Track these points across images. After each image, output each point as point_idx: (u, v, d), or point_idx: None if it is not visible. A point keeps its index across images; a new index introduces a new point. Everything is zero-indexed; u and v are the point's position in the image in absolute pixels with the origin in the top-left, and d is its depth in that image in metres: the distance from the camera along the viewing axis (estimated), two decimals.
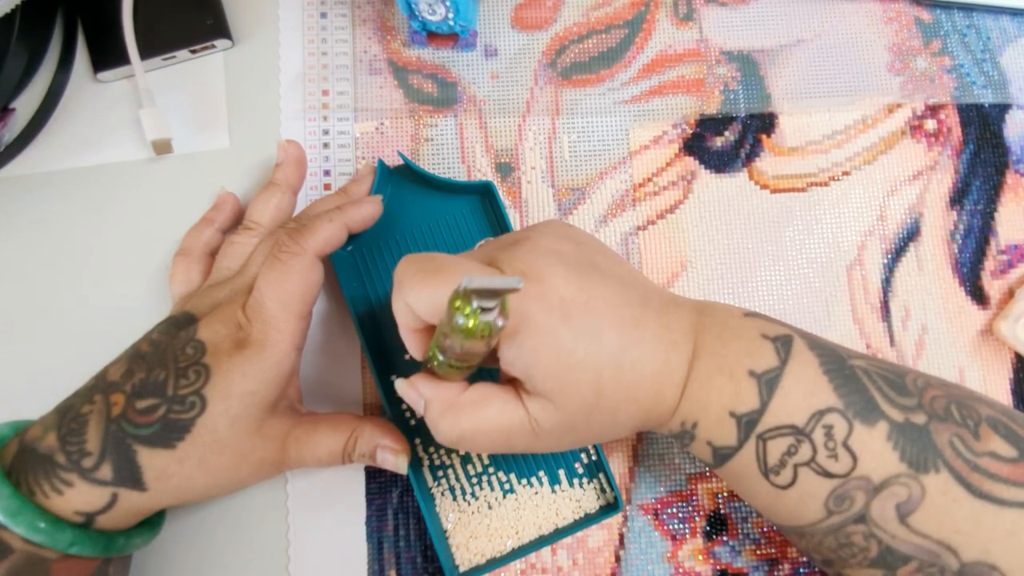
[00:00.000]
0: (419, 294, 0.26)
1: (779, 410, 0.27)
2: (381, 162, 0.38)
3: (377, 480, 0.37)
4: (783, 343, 0.28)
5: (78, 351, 0.34)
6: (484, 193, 0.39)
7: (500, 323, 0.23)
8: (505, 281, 0.21)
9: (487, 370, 0.35)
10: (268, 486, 0.37)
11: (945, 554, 0.26)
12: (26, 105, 0.39)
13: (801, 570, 0.37)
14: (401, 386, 0.29)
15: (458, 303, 0.22)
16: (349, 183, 0.38)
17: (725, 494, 0.37)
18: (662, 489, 0.37)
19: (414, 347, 0.29)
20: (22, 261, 0.39)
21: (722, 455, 0.28)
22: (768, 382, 0.27)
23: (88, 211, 0.39)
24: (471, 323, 0.22)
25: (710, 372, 0.28)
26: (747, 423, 0.27)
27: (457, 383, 0.28)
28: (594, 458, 0.36)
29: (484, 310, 0.22)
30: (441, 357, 0.26)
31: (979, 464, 0.26)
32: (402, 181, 0.38)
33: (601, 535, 0.37)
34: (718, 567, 0.37)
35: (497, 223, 0.38)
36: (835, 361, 0.28)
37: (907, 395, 0.27)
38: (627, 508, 0.37)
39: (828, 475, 0.26)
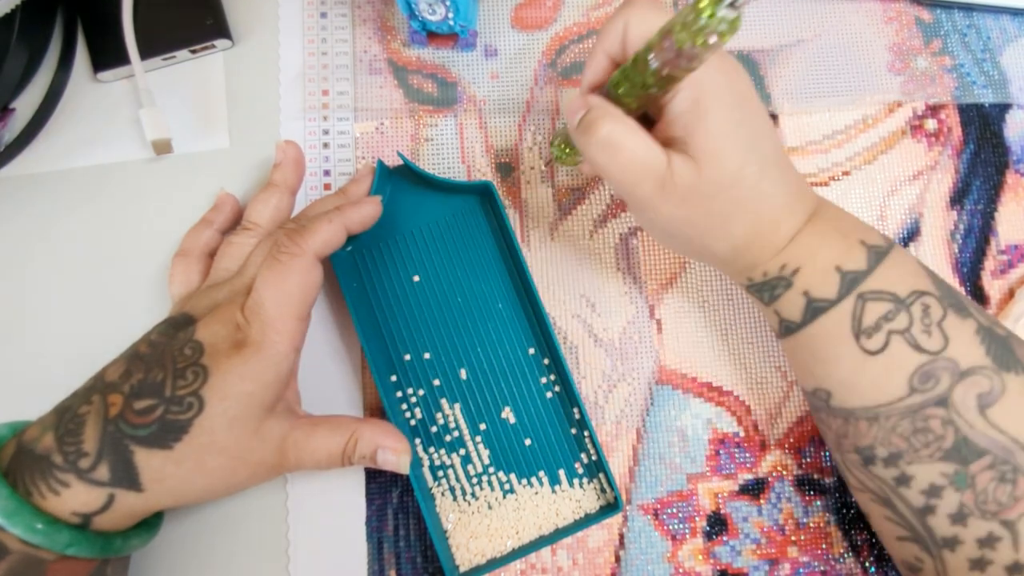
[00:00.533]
0: (646, 16, 0.28)
1: (883, 277, 0.28)
2: (380, 162, 0.38)
3: (377, 480, 0.37)
4: (888, 238, 0.30)
5: (77, 351, 0.34)
6: (483, 193, 0.39)
7: (729, 14, 0.23)
8: None
9: None
10: (268, 486, 0.37)
11: (1019, 452, 0.26)
12: (26, 105, 0.40)
13: (801, 570, 0.37)
14: (570, 98, 0.30)
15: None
16: (348, 183, 0.38)
17: (725, 494, 0.37)
18: (662, 489, 0.37)
19: (594, 70, 0.30)
20: (22, 261, 0.39)
21: (816, 308, 0.29)
22: (877, 253, 0.29)
23: (88, 211, 0.39)
24: (732, 16, 0.23)
25: (825, 230, 0.30)
26: (851, 280, 0.28)
27: (623, 108, 0.29)
28: (594, 458, 0.36)
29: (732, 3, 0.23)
30: (624, 88, 0.28)
31: None
32: (402, 181, 0.38)
33: (601, 535, 0.37)
34: (718, 567, 0.37)
35: (496, 223, 0.38)
36: (929, 268, 0.30)
37: (987, 315, 0.29)
38: (627, 508, 0.37)
39: (919, 349, 0.27)
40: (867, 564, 0.37)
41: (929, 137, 0.41)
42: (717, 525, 0.37)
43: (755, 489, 0.37)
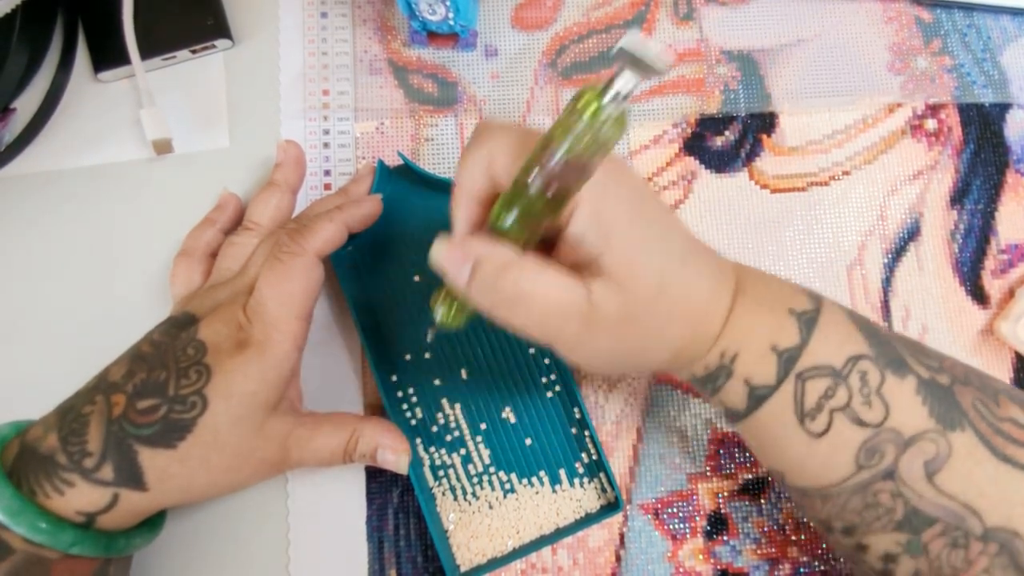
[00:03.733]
0: (508, 143, 0.25)
1: (817, 350, 0.27)
2: (381, 162, 0.38)
3: (378, 480, 0.37)
4: (813, 297, 0.29)
5: (79, 351, 0.34)
6: None
7: (613, 109, 0.21)
8: (660, 55, 0.20)
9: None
10: (268, 486, 0.37)
11: (970, 517, 0.26)
12: (27, 105, 0.39)
13: (801, 570, 0.37)
14: (441, 249, 0.26)
15: (598, 88, 0.21)
16: (349, 183, 0.38)
17: (726, 494, 0.37)
18: (662, 489, 0.37)
19: (464, 218, 0.27)
20: (22, 261, 0.39)
21: (759, 396, 0.28)
22: (807, 322, 0.28)
23: (88, 211, 0.39)
24: (617, 113, 0.21)
25: (752, 305, 0.28)
26: (787, 359, 0.27)
27: (514, 246, 0.26)
28: (594, 457, 0.36)
29: (620, 98, 0.21)
30: (510, 220, 0.25)
31: (1001, 428, 0.26)
32: (402, 181, 0.38)
33: (601, 535, 0.37)
34: (718, 567, 0.37)
35: None
36: (861, 319, 0.29)
37: (929, 357, 0.28)
38: (627, 508, 0.37)
39: (862, 424, 0.26)
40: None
41: (929, 137, 0.41)
42: (717, 525, 0.37)
43: (755, 489, 0.37)
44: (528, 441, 0.37)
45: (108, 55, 0.40)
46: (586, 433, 0.36)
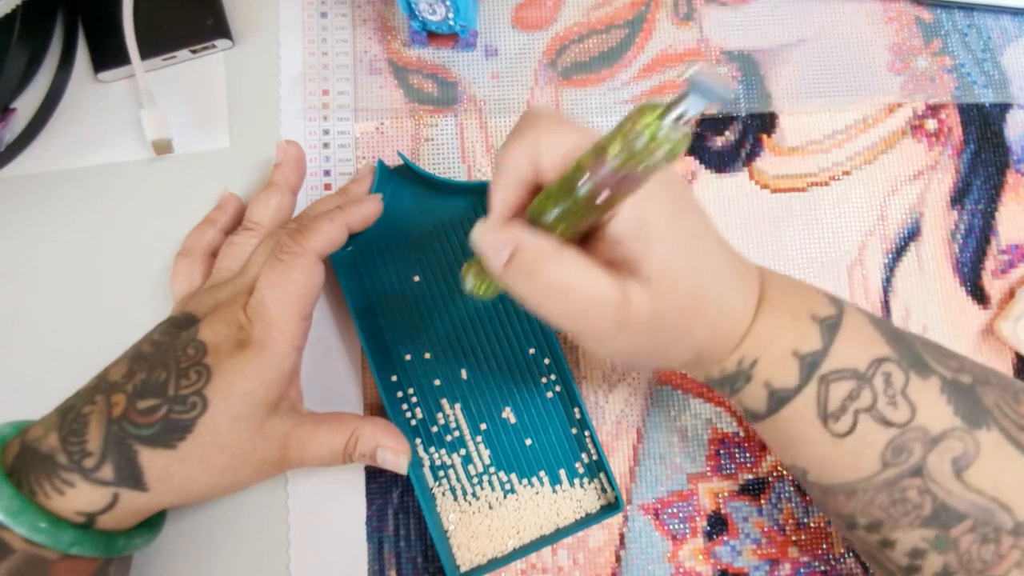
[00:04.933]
0: (560, 136, 0.25)
1: (840, 354, 0.27)
2: (381, 162, 0.38)
3: (377, 480, 0.37)
4: (835, 301, 0.29)
5: (79, 351, 0.34)
6: (483, 193, 0.38)
7: (675, 134, 0.20)
8: (726, 80, 0.20)
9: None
10: (268, 486, 0.37)
11: (999, 512, 0.26)
12: (27, 105, 0.39)
13: (801, 570, 0.37)
14: (483, 231, 0.26)
15: (660, 108, 0.20)
16: (349, 183, 0.38)
17: (726, 494, 0.37)
18: (662, 489, 0.37)
19: (504, 202, 0.26)
20: (23, 261, 0.39)
21: (780, 398, 0.28)
22: (829, 327, 0.28)
23: (88, 211, 0.39)
24: (677, 135, 0.20)
25: (775, 311, 0.28)
26: (810, 363, 0.27)
27: (555, 238, 0.26)
28: (595, 458, 0.36)
29: (682, 120, 0.20)
30: (552, 216, 0.24)
31: None
32: (402, 181, 0.38)
33: (602, 535, 0.37)
34: (719, 567, 0.37)
35: None
36: (882, 322, 0.29)
37: (950, 358, 0.28)
38: (627, 508, 0.37)
39: (887, 423, 0.27)
40: (867, 564, 0.37)
41: (929, 137, 0.41)
42: (717, 525, 0.37)
43: (755, 489, 0.37)
44: (528, 441, 0.37)
45: (108, 55, 0.40)
46: (586, 433, 0.36)
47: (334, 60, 0.41)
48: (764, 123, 0.41)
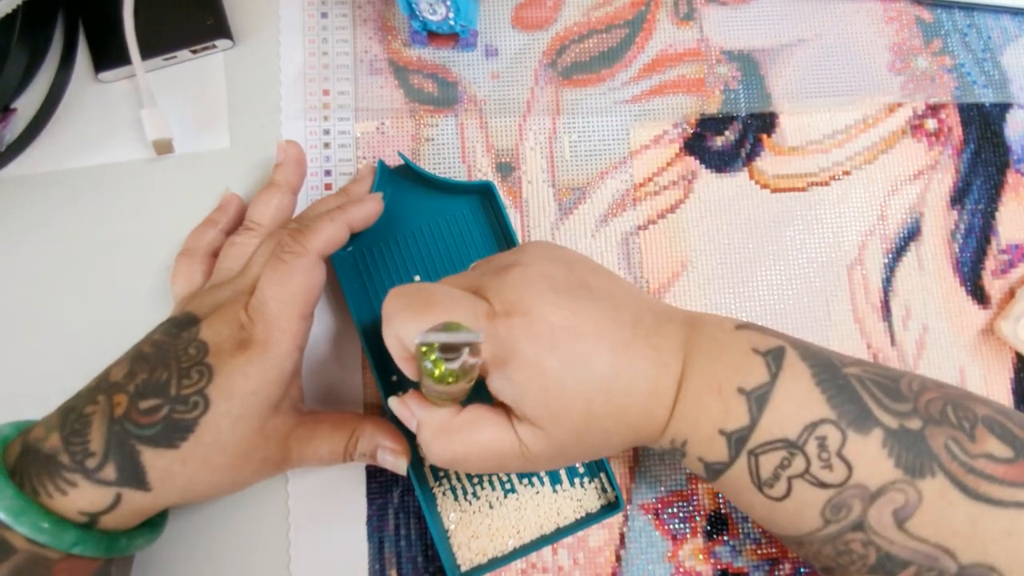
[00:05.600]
0: (408, 328, 0.27)
1: (770, 425, 0.27)
2: (381, 162, 0.38)
3: (378, 479, 0.37)
4: (774, 356, 0.28)
5: (80, 351, 0.34)
6: (484, 193, 0.39)
7: (472, 361, 0.24)
8: (463, 336, 0.23)
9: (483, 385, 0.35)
10: (269, 486, 0.37)
11: (943, 557, 0.26)
12: (27, 105, 0.40)
13: (802, 570, 0.37)
14: (394, 404, 0.30)
15: (424, 349, 0.23)
16: (349, 183, 0.38)
17: None
18: (663, 489, 0.37)
19: (410, 373, 0.29)
20: (24, 261, 0.39)
21: (714, 470, 0.28)
22: (758, 399, 0.27)
23: (89, 211, 0.39)
24: (437, 371, 0.23)
25: (699, 390, 0.28)
26: (737, 440, 0.27)
27: (450, 407, 0.29)
28: None
29: (448, 359, 0.23)
30: (432, 393, 0.27)
31: (975, 466, 0.26)
32: (402, 181, 0.39)
33: (602, 534, 0.37)
34: (719, 567, 0.37)
35: (497, 223, 0.38)
36: (828, 370, 0.28)
37: (902, 400, 0.27)
38: (628, 508, 0.37)
39: (823, 485, 0.26)
40: None
41: (929, 137, 0.41)
42: (718, 525, 0.37)
43: None
44: None
45: (109, 55, 0.40)
46: None
47: (334, 60, 0.41)
48: (764, 123, 0.41)
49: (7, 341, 0.38)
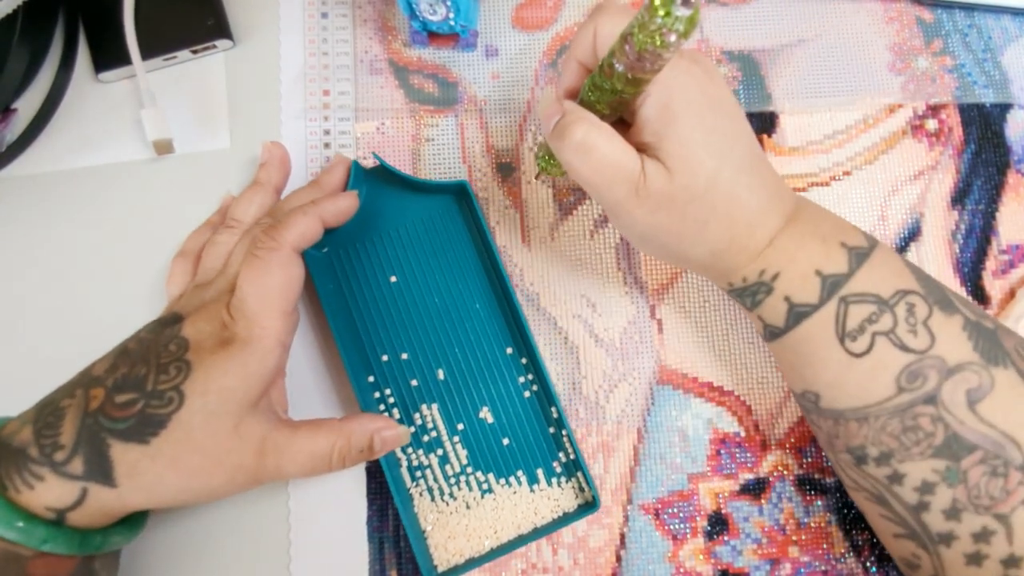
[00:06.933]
0: (613, 20, 0.28)
1: (865, 280, 0.28)
2: (355, 163, 0.38)
3: (377, 480, 0.37)
4: (871, 237, 0.30)
5: (79, 351, 0.34)
6: (459, 193, 0.39)
7: (684, 12, 0.23)
8: None
9: None
10: (269, 486, 0.37)
11: (1009, 446, 0.26)
12: (28, 105, 0.40)
13: (802, 570, 0.37)
14: (542, 105, 0.30)
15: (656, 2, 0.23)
16: (322, 173, 0.38)
17: (726, 494, 0.37)
18: (663, 489, 0.37)
19: (567, 81, 0.30)
20: (23, 261, 0.39)
21: (798, 313, 0.29)
22: (858, 255, 0.29)
23: (89, 211, 0.39)
24: (687, 12, 0.23)
25: (804, 233, 0.29)
26: (832, 283, 0.28)
27: (596, 113, 0.29)
28: (572, 457, 0.36)
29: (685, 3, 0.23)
30: (594, 95, 0.28)
31: None
32: (377, 181, 0.38)
33: (602, 535, 0.37)
34: (719, 567, 0.37)
35: (473, 223, 0.38)
36: (915, 266, 0.30)
37: (975, 307, 0.29)
38: (628, 508, 0.37)
39: (905, 348, 0.27)
40: (868, 564, 0.37)
41: (930, 137, 0.41)
42: (718, 525, 0.37)
43: (756, 489, 0.37)
44: (506, 441, 0.37)
45: (109, 55, 0.40)
46: (563, 433, 0.36)
47: (335, 60, 0.41)
48: (764, 123, 0.41)
49: (7, 341, 0.38)
